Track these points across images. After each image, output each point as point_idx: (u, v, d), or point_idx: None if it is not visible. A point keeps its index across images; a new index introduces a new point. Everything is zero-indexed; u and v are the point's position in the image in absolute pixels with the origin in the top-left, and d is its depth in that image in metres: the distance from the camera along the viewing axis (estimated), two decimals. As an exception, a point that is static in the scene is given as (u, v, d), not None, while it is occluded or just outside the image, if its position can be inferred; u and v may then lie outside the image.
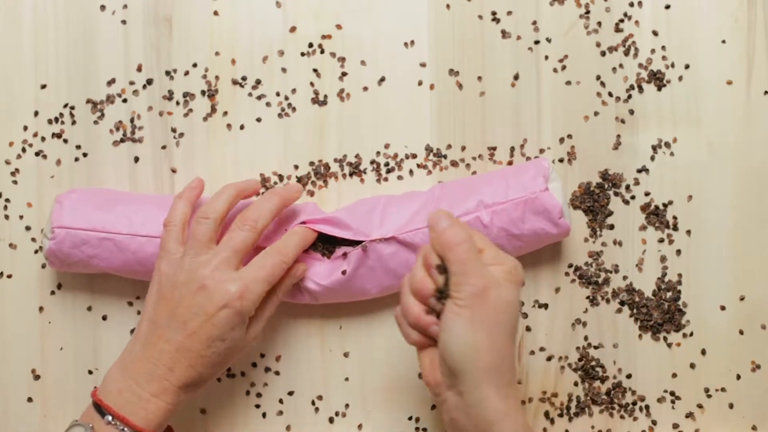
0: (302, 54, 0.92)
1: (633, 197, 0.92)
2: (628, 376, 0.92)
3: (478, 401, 0.74)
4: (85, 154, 0.92)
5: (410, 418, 0.92)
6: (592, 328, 0.92)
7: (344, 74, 0.92)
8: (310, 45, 0.92)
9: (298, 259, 0.86)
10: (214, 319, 0.79)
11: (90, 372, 0.91)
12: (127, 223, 0.85)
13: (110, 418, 0.79)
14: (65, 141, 0.92)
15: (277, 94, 0.92)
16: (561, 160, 0.92)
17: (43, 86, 0.91)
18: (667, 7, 0.92)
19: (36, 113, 0.92)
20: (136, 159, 0.92)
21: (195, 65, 0.92)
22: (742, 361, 0.92)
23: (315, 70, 0.92)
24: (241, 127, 0.92)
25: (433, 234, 0.77)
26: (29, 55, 0.91)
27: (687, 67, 0.92)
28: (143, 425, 0.79)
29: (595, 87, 0.92)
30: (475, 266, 0.75)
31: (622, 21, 0.92)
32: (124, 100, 0.92)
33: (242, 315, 0.80)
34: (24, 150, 0.91)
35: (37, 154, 0.92)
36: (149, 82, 0.92)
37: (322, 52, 0.92)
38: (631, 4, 0.92)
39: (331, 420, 0.92)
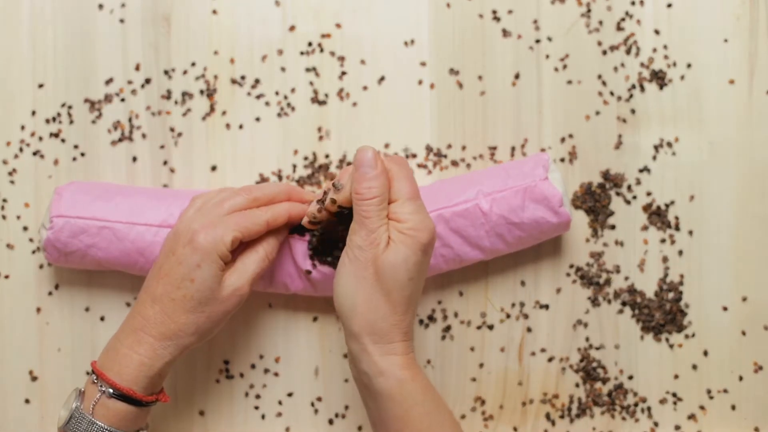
0: (302, 53, 0.92)
1: (635, 197, 0.92)
2: (630, 378, 0.92)
3: (357, 352, 0.78)
4: (83, 154, 0.91)
5: (410, 420, 0.91)
6: (594, 329, 0.92)
7: (344, 73, 0.92)
8: (310, 44, 0.91)
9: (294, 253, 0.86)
10: (180, 257, 0.79)
11: (88, 373, 0.91)
12: (126, 211, 0.85)
13: (95, 377, 0.79)
14: (63, 140, 0.91)
15: (276, 94, 0.91)
16: (562, 160, 0.91)
17: (41, 85, 0.91)
18: (669, 5, 0.91)
19: (33, 113, 0.91)
20: (134, 159, 0.91)
21: (194, 64, 0.91)
22: (744, 362, 0.92)
23: (314, 70, 0.92)
24: (240, 127, 0.91)
25: (354, 174, 0.78)
26: (27, 54, 0.91)
27: (689, 66, 0.91)
28: (117, 380, 0.78)
29: (596, 86, 0.92)
30: (372, 221, 0.76)
31: (623, 20, 0.91)
32: (122, 100, 0.91)
33: (204, 250, 0.78)
34: (21, 150, 0.91)
35: (34, 153, 0.91)
36: (147, 81, 0.91)
37: (322, 51, 0.92)
38: (633, 3, 0.91)
39: (330, 422, 0.92)
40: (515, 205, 0.85)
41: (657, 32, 0.91)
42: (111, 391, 0.78)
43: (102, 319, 0.91)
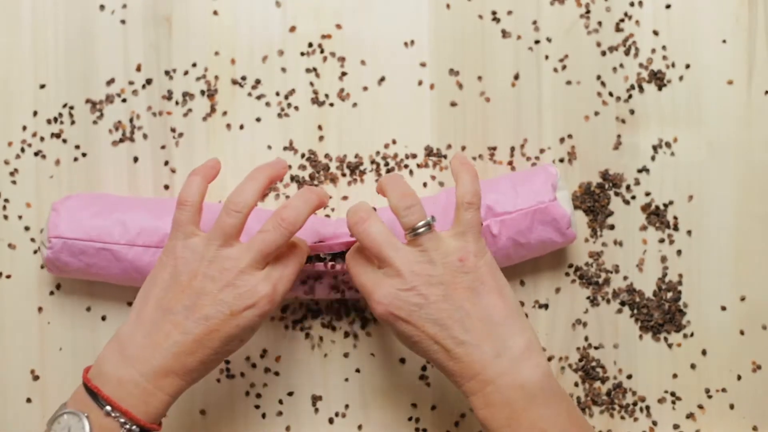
0: (302, 54, 0.92)
1: (633, 197, 0.92)
2: (629, 377, 0.92)
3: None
4: (84, 154, 0.91)
5: (410, 419, 0.91)
6: (593, 329, 0.92)
7: (344, 74, 0.92)
8: (310, 45, 0.92)
9: None
10: (239, 319, 0.77)
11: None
12: (123, 232, 0.85)
13: (110, 409, 0.76)
14: (64, 141, 0.91)
15: (277, 94, 0.92)
16: (561, 160, 0.92)
17: (42, 86, 0.91)
18: (668, 6, 0.92)
19: (35, 113, 0.91)
20: (136, 159, 0.91)
21: (194, 65, 0.92)
22: (742, 361, 0.92)
23: (315, 70, 0.92)
24: (241, 127, 0.92)
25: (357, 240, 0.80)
26: (28, 54, 0.91)
27: (688, 66, 0.92)
28: (146, 419, 0.76)
29: (595, 87, 0.92)
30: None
31: (622, 20, 0.92)
32: (124, 100, 0.91)
33: (267, 316, 0.79)
34: (23, 150, 0.91)
35: (36, 154, 0.91)
36: (148, 81, 0.91)
37: (322, 51, 0.92)
38: (632, 4, 0.91)
39: (330, 420, 0.92)
40: (523, 227, 0.85)
41: (656, 33, 0.92)
42: (136, 428, 0.76)
43: (103, 318, 0.91)
